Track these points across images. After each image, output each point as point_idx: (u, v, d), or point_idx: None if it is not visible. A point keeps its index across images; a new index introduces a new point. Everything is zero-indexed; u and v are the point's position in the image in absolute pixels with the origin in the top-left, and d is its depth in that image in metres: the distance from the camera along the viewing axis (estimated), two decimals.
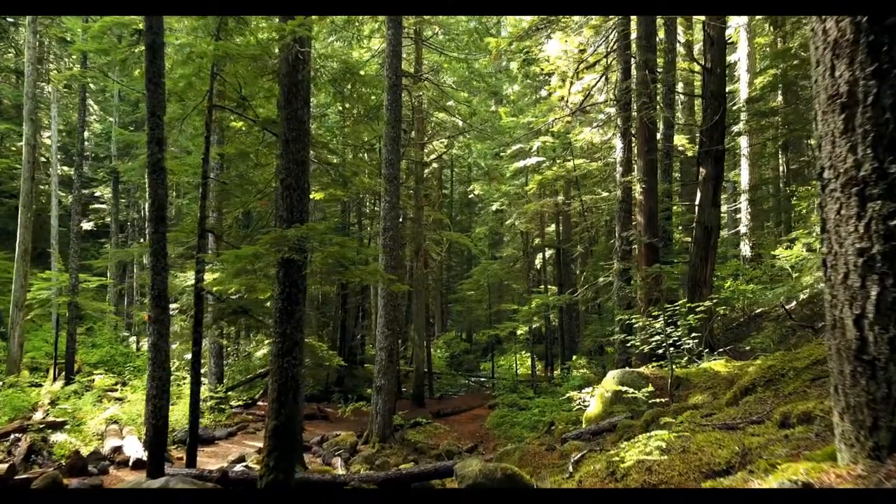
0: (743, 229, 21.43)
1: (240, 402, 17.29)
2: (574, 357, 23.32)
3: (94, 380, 18.87)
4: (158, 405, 7.65)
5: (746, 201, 21.16)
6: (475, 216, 36.91)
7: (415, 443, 13.83)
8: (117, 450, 10.72)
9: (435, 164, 27.11)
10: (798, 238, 15.87)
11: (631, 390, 5.27)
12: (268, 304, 9.02)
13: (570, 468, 4.64)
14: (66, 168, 29.21)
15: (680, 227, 19.14)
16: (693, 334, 8.42)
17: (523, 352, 27.61)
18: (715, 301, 7.96)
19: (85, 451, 11.03)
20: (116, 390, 17.31)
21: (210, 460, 11.61)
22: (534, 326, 25.42)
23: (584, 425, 8.64)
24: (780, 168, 22.28)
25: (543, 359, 25.74)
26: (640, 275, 11.46)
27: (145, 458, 10.69)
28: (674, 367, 7.43)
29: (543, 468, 5.95)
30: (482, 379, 26.92)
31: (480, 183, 30.26)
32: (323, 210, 28.14)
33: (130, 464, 10.33)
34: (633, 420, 7.00)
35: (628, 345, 9.84)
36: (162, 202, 7.84)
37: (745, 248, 21.62)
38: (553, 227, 24.86)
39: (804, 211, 16.70)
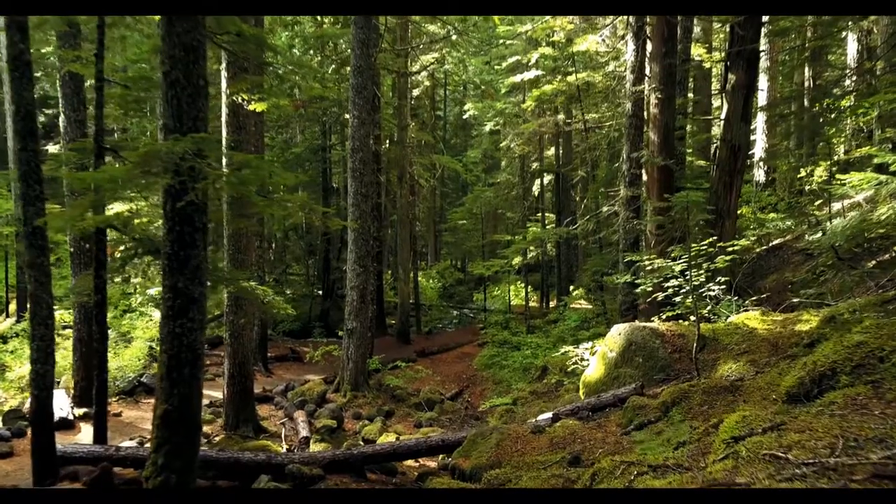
0: (759, 152, 19.41)
1: None
2: (571, 289, 21.85)
3: None
4: (42, 371, 6.03)
5: (764, 120, 19.03)
6: (471, 139, 34.50)
7: (393, 389, 12.46)
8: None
9: (426, 82, 24.65)
10: (822, 163, 13.99)
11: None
12: None
13: None
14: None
15: (690, 150, 17.11)
16: (718, 278, 6.72)
17: (518, 282, 26.15)
18: (754, 239, 6.22)
19: (6, 407, 9.62)
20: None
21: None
22: (529, 256, 23.85)
23: (581, 391, 7.09)
24: (806, 82, 19.92)
25: (539, 289, 24.27)
26: (651, 204, 9.63)
27: (71, 418, 9.32)
28: (700, 323, 5.75)
29: (524, 471, 4.37)
30: (474, 310, 25.64)
31: (474, 101, 27.78)
32: (303, 132, 25.92)
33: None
34: (646, 397, 5.40)
35: (636, 289, 8.16)
36: (29, 109, 5.93)
37: (760, 174, 19.71)
38: (552, 150, 22.73)
39: (838, 129, 14.69)
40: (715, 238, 6.31)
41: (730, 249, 6.29)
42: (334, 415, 10.25)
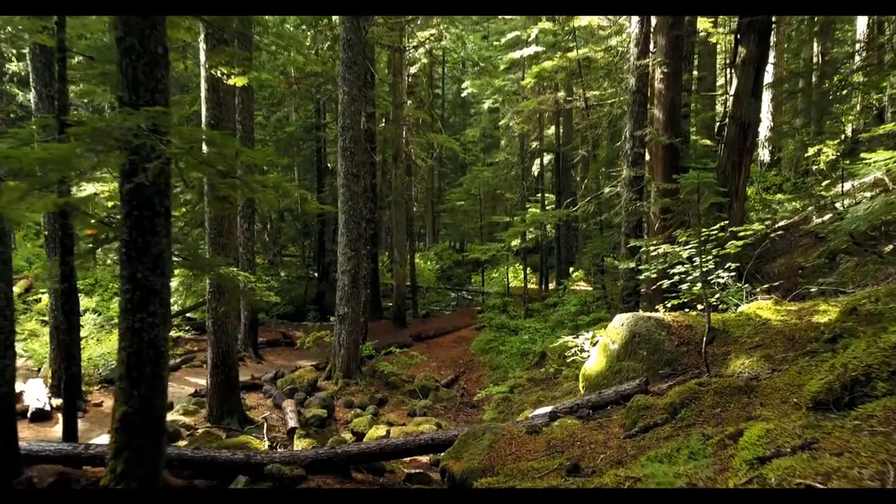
0: (765, 131, 18.86)
1: (182, 332, 14.44)
2: (571, 271, 21.44)
3: (39, 299, 17.00)
4: (2, 366, 5.64)
5: (770, 98, 18.45)
6: (470, 118, 33.79)
7: (387, 375, 12.09)
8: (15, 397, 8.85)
9: (424, 59, 23.96)
10: (829, 142, 13.45)
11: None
12: (181, 224, 6.78)
13: None
14: (19, 64, 25.44)
15: (695, 128, 16.57)
16: (728, 265, 6.28)
17: (517, 264, 25.74)
18: (768, 223, 5.77)
19: None
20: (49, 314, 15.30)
21: None
22: (528, 238, 23.40)
23: (580, 384, 6.69)
24: (815, 58, 19.25)
25: (538, 271, 23.85)
26: (656, 185, 9.16)
27: (48, 409, 8.94)
28: (711, 314, 5.32)
29: (518, 480, 3.98)
30: (472, 292, 25.27)
31: (473, 78, 27.06)
32: (297, 110, 25.26)
33: (29, 415, 8.54)
34: (651, 395, 5.00)
35: (640, 276, 7.73)
36: None
37: (764, 153, 19.21)
38: (552, 128, 22.14)
39: (849, 107, 14.13)
40: (725, 221, 5.85)
41: (741, 234, 5.84)
42: (325, 404, 9.89)
